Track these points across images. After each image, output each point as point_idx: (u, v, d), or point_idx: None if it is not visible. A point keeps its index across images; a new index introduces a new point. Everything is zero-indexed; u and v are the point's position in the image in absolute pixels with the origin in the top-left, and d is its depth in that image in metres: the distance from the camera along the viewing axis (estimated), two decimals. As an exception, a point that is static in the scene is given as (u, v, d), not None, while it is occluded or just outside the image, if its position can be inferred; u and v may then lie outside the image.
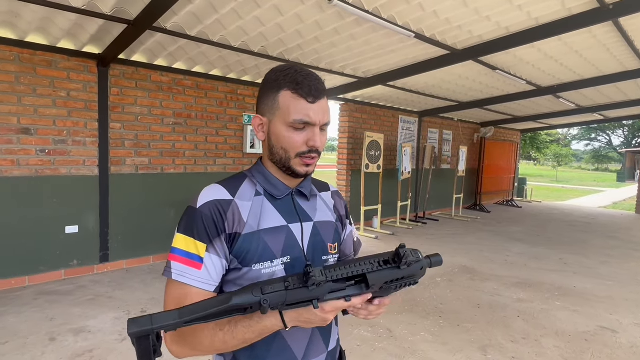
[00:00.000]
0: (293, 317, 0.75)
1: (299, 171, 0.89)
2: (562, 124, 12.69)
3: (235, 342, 0.77)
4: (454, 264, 5.25)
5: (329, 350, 0.97)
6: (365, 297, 0.76)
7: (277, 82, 0.85)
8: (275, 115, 0.86)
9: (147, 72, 4.61)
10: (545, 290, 4.33)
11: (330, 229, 0.99)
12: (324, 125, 0.88)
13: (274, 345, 0.87)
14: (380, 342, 3.01)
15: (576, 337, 3.20)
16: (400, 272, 0.76)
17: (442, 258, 0.84)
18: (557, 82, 6.51)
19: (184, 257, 0.81)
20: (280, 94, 0.85)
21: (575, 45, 4.78)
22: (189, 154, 5.05)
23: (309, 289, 0.69)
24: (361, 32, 4.06)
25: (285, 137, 0.86)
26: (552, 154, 32.93)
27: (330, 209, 1.03)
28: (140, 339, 0.61)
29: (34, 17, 3.36)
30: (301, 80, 0.84)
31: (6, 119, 3.73)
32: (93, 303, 3.55)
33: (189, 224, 0.83)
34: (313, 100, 0.84)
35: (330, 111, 0.92)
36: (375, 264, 0.75)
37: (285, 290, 0.69)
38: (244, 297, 0.66)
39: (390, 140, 8.15)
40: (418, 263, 0.78)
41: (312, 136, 0.85)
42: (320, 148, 0.88)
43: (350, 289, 0.74)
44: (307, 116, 0.84)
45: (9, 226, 3.81)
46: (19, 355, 2.64)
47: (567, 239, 7.20)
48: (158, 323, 0.61)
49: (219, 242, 0.83)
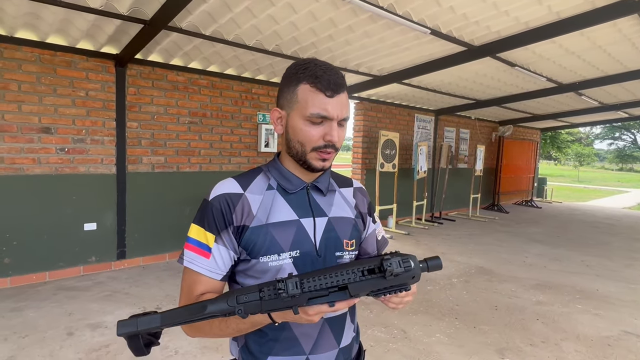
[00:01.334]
0: (279, 316, 0.76)
1: (315, 165, 0.88)
2: (584, 122, 12.35)
3: (230, 331, 0.82)
4: (471, 264, 5.15)
5: (341, 347, 0.94)
6: (350, 302, 0.74)
7: (297, 76, 0.86)
8: (293, 109, 0.87)
9: (163, 72, 4.67)
10: (566, 292, 4.20)
11: (348, 225, 0.97)
12: (342, 120, 0.87)
13: (282, 337, 0.88)
14: (395, 342, 2.97)
15: (598, 342, 3.09)
16: (387, 282, 0.73)
17: (442, 262, 0.80)
18: (579, 78, 6.31)
19: (196, 245, 0.87)
20: (299, 88, 0.85)
21: (599, 40, 4.63)
22: (204, 152, 5.10)
23: (283, 300, 0.68)
24: (376, 29, 4.02)
25: (302, 131, 0.85)
26: (573, 153, 32.11)
27: (350, 205, 1.02)
28: (131, 338, 0.68)
29: (54, 18, 3.43)
30: (320, 74, 0.83)
31: (28, 119, 3.83)
32: (110, 299, 3.62)
33: (202, 215, 0.88)
34: (331, 95, 0.84)
35: (349, 106, 0.90)
36: (358, 273, 0.71)
37: (259, 300, 0.69)
38: (218, 306, 0.69)
39: (406, 139, 8.06)
40: (407, 272, 0.73)
41: (329, 130, 0.85)
42: (338, 143, 0.87)
43: (333, 295, 0.72)
44: (324, 110, 0.83)
45: (31, 223, 3.91)
46: (38, 348, 2.71)
47: (589, 241, 6.98)
48: (142, 326, 0.67)
49: (227, 234, 0.86)
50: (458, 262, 5.26)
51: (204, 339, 2.87)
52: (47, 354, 2.64)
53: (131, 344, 0.69)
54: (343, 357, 0.95)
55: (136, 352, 0.70)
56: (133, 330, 0.67)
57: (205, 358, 2.65)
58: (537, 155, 12.82)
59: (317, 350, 0.90)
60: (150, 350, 0.71)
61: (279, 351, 0.89)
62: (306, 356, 0.90)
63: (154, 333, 0.71)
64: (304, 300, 0.69)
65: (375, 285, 0.73)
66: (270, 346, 0.89)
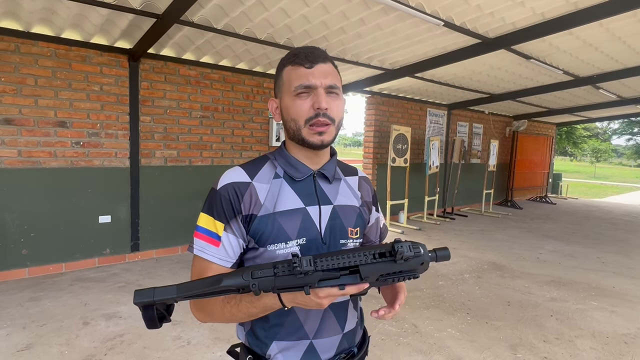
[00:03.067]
0: (289, 299, 0.76)
1: (313, 141, 0.88)
2: (601, 116, 12.04)
3: (241, 315, 0.82)
4: (483, 260, 5.10)
5: (345, 332, 0.96)
6: (360, 287, 0.74)
7: (281, 63, 0.92)
8: (283, 92, 0.91)
9: (176, 66, 4.70)
10: (581, 289, 4.13)
11: (352, 213, 0.98)
12: (330, 87, 0.87)
13: (287, 321, 0.90)
14: (405, 337, 2.96)
15: (614, 339, 3.03)
16: (397, 266, 0.73)
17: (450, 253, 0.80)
18: (596, 71, 6.15)
19: (205, 234, 0.88)
20: (283, 71, 0.90)
21: (618, 31, 4.49)
22: (215, 146, 5.13)
23: (296, 277, 0.69)
24: (388, 22, 3.97)
25: (292, 107, 0.88)
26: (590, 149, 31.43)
27: (356, 193, 1.03)
28: (146, 308, 0.70)
29: (68, 13, 3.47)
30: (298, 52, 0.88)
31: (44, 113, 3.90)
32: (124, 290, 3.68)
33: (210, 204, 0.89)
34: (310, 65, 0.86)
35: (337, 76, 0.90)
36: (369, 256, 0.72)
37: (274, 276, 0.70)
38: (233, 280, 0.70)
39: (418, 134, 7.99)
40: (417, 258, 0.74)
41: (317, 98, 0.85)
42: (330, 112, 0.87)
43: (344, 278, 0.72)
44: (307, 80, 0.85)
45: (48, 215, 4.00)
46: (55, 337, 2.77)
47: (605, 238, 6.84)
48: (159, 296, 0.68)
49: (236, 223, 0.87)
50: (470, 257, 5.20)
51: (216, 330, 2.90)
52: (64, 343, 2.70)
53: (145, 314, 0.70)
54: (347, 342, 0.97)
55: (149, 323, 0.71)
56: (149, 300, 0.68)
57: (217, 348, 2.68)
58: (552, 151, 12.58)
59: (321, 334, 0.92)
60: (162, 325, 0.72)
61: (284, 336, 0.90)
62: (310, 341, 0.91)
63: (167, 308, 0.72)
64: (316, 279, 0.70)
65: (386, 269, 0.73)
66: (275, 331, 0.90)
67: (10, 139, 3.75)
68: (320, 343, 0.92)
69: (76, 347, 2.65)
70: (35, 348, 2.62)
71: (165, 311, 0.72)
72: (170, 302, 0.70)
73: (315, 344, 0.92)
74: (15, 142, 3.78)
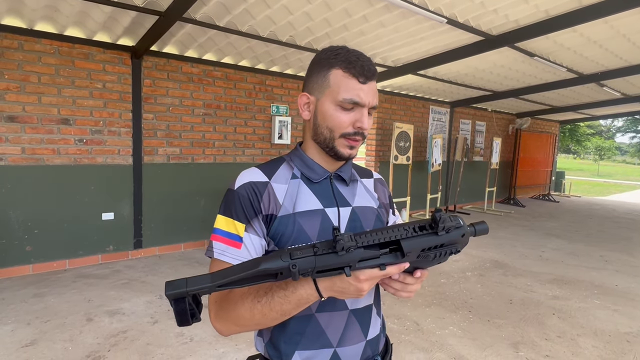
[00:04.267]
0: (327, 286, 0.73)
1: (342, 153, 0.87)
2: (605, 114, 11.99)
3: (273, 314, 0.76)
4: (485, 258, 5.09)
5: (368, 339, 0.92)
6: (401, 266, 0.71)
7: (329, 61, 0.85)
8: (324, 94, 0.86)
9: (178, 64, 4.70)
10: (584, 288, 4.12)
11: (371, 215, 0.96)
12: (372, 108, 0.86)
13: (308, 330, 0.86)
14: (407, 334, 2.97)
15: (617, 338, 3.03)
16: (439, 238, 0.70)
17: (488, 227, 0.77)
18: (601, 69, 6.12)
19: (225, 237, 0.84)
20: (331, 72, 0.84)
21: (623, 28, 4.47)
22: (218, 144, 5.14)
23: (338, 255, 0.66)
24: (391, 19, 3.96)
25: (333, 116, 0.85)
26: (593, 146, 31.25)
27: (372, 195, 1.01)
28: (177, 301, 0.63)
29: (71, 10, 3.48)
30: (354, 60, 0.83)
31: (47, 110, 3.91)
32: (127, 287, 3.70)
33: (228, 206, 0.86)
34: (364, 81, 0.83)
35: (378, 95, 0.90)
36: (410, 229, 0.70)
37: (314, 255, 0.66)
38: (272, 262, 0.65)
39: (420, 132, 7.97)
40: (458, 229, 0.71)
41: (360, 117, 0.84)
42: (367, 131, 0.86)
43: (384, 257, 0.70)
44: (357, 96, 0.83)
45: (51, 212, 4.02)
46: (59, 333, 2.79)
47: (608, 236, 6.82)
48: (192, 286, 0.63)
49: (257, 222, 0.85)
50: (472, 255, 5.20)
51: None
52: (68, 339, 2.72)
53: (177, 308, 0.64)
54: (371, 349, 0.93)
55: (181, 319, 0.65)
56: (182, 290, 0.62)
57: (220, 345, 2.69)
58: (555, 149, 12.53)
59: (345, 342, 0.88)
60: (193, 322, 0.66)
61: (306, 345, 0.86)
62: (334, 349, 0.87)
63: (197, 304, 0.66)
64: (357, 257, 0.67)
65: (427, 243, 0.70)
66: (297, 340, 0.86)
67: (14, 136, 3.77)
68: (344, 351, 0.88)
69: (80, 343, 2.67)
70: (40, 344, 2.64)
71: (196, 307, 0.66)
72: (205, 293, 0.65)
73: (339, 352, 0.88)
74: (19, 140, 3.80)
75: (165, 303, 3.33)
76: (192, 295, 0.65)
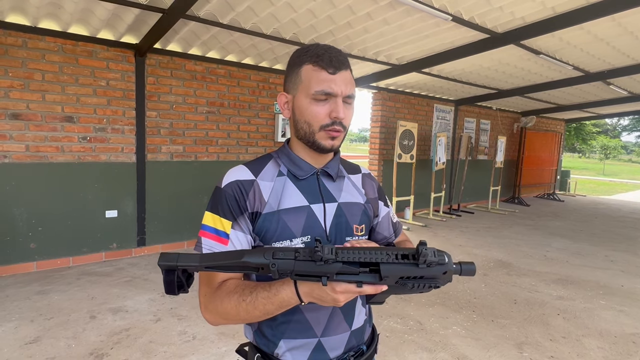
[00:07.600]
0: (306, 292, 0.75)
1: (324, 145, 0.89)
2: (611, 113, 11.87)
3: (257, 313, 0.80)
4: (489, 257, 5.06)
5: (353, 329, 0.96)
6: (378, 288, 0.72)
7: (300, 58, 0.88)
8: (298, 90, 0.88)
9: (182, 61, 4.69)
10: (589, 288, 4.08)
11: (357, 211, 0.98)
12: (347, 97, 0.87)
13: (294, 320, 0.90)
14: (410, 334, 2.95)
15: (623, 339, 3.00)
16: (418, 270, 0.70)
17: (476, 268, 0.76)
18: (607, 67, 6.05)
19: (212, 233, 0.87)
20: (302, 68, 0.87)
21: (631, 26, 4.41)
22: (221, 142, 5.13)
23: (316, 264, 0.68)
24: (395, 16, 3.93)
25: (308, 110, 0.87)
26: (599, 145, 31.03)
27: (360, 190, 1.03)
28: (168, 272, 0.71)
29: (74, 8, 3.47)
30: (321, 53, 0.86)
31: (51, 108, 3.92)
32: (130, 284, 3.71)
33: (215, 203, 0.89)
34: (334, 71, 0.85)
35: (354, 84, 0.91)
36: (392, 255, 0.70)
37: (294, 260, 0.69)
38: (255, 257, 0.69)
39: (424, 130, 7.93)
40: (440, 266, 0.71)
41: (335, 107, 0.85)
42: (345, 121, 0.88)
43: (363, 276, 0.70)
44: (328, 87, 0.84)
45: (56, 209, 4.03)
46: (62, 330, 2.80)
47: (614, 235, 6.76)
48: (183, 262, 0.70)
49: (243, 220, 0.88)
50: (476, 255, 5.17)
51: (221, 326, 2.91)
52: (71, 336, 2.72)
53: (166, 278, 0.72)
54: (355, 339, 0.96)
55: (167, 288, 0.73)
56: (172, 264, 0.70)
57: (222, 343, 2.69)
58: (560, 147, 12.44)
59: (329, 332, 0.92)
60: (179, 293, 0.74)
61: (292, 334, 0.90)
62: (318, 339, 0.91)
63: (187, 278, 0.74)
64: (335, 270, 0.69)
65: (406, 272, 0.70)
66: (283, 329, 0.90)
67: (18, 134, 3.78)
68: (329, 341, 0.92)
69: (83, 340, 2.68)
70: (43, 341, 2.65)
71: (186, 281, 0.74)
72: (192, 270, 0.72)
73: (324, 342, 0.91)
74: (23, 137, 3.81)
75: (168, 301, 3.34)
76: (183, 270, 0.72)
